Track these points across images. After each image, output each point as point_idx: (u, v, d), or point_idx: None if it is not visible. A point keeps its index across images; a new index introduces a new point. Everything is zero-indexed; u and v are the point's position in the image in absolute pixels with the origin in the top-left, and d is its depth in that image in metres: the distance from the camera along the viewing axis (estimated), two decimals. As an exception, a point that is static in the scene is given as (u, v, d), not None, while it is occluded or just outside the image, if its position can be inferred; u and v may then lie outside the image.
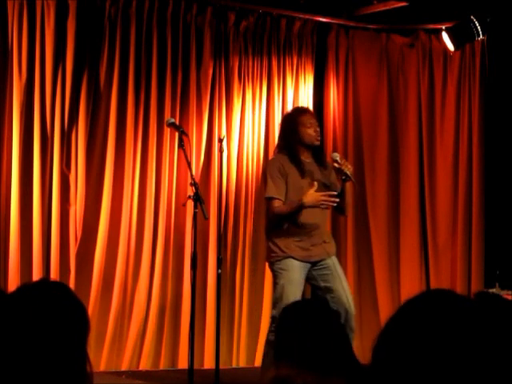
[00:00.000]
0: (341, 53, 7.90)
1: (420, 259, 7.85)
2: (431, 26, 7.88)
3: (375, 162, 7.85)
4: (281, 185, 5.63)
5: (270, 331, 5.67)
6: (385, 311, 7.50)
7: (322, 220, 5.75)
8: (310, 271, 5.64)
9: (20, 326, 1.88)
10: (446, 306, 1.43)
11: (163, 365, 7.01)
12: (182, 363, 6.84)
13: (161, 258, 7.00)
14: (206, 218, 5.80)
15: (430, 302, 1.45)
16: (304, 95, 7.67)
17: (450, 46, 7.44)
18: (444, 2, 7.41)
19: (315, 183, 5.58)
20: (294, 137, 5.67)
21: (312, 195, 5.51)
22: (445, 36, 7.44)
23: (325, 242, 5.72)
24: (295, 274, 5.58)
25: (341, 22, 7.85)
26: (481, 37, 7.25)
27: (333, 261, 5.72)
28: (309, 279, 5.67)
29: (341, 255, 7.17)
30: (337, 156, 5.71)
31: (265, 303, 7.39)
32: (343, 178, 5.65)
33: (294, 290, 5.53)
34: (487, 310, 1.48)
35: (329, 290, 5.59)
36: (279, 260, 5.59)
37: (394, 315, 1.45)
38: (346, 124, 7.90)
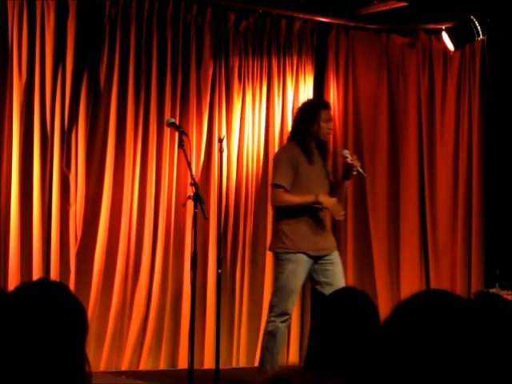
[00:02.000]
0: (341, 53, 7.90)
1: (420, 259, 7.85)
2: (431, 26, 7.87)
3: (375, 162, 7.85)
4: (289, 174, 5.78)
5: (267, 321, 5.77)
6: (385, 311, 7.43)
7: (325, 215, 5.94)
8: (313, 264, 5.79)
9: (18, 325, 1.87)
10: (440, 306, 1.43)
11: (163, 365, 7.01)
12: (182, 363, 6.84)
13: (161, 257, 7.00)
14: (206, 218, 5.82)
15: (423, 303, 1.45)
16: (304, 95, 7.66)
17: (450, 46, 7.44)
18: (444, 2, 7.41)
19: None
20: (311, 128, 5.82)
21: (331, 199, 5.77)
22: (445, 36, 7.44)
23: (329, 236, 5.94)
24: (302, 267, 5.74)
25: (341, 22, 7.85)
26: (481, 37, 7.25)
27: (336, 255, 5.90)
28: (310, 271, 5.81)
29: (341, 255, 7.12)
30: (347, 153, 5.94)
31: (265, 303, 7.38)
32: (354, 173, 5.88)
33: (297, 282, 5.74)
34: (485, 309, 1.48)
35: (328, 284, 5.72)
36: (288, 253, 5.71)
37: (388, 317, 1.45)
38: (345, 124, 7.90)
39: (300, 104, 6.59)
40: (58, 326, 1.88)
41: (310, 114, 5.86)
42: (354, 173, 5.87)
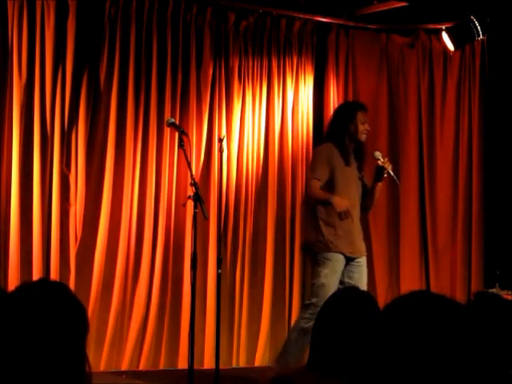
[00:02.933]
0: (341, 53, 7.90)
1: (420, 259, 7.85)
2: (431, 26, 7.88)
3: (375, 162, 7.84)
4: (325, 171, 5.91)
5: (302, 318, 5.82)
6: (385, 311, 7.50)
7: (358, 217, 6.05)
8: (345, 264, 5.93)
9: (19, 325, 1.87)
10: (430, 306, 1.43)
11: (163, 365, 7.01)
12: (182, 363, 6.84)
13: (161, 257, 7.00)
14: (206, 218, 5.81)
15: (408, 304, 1.45)
16: (304, 95, 7.67)
17: (450, 46, 7.45)
18: (444, 2, 7.41)
19: (358, 203, 5.98)
20: (348, 130, 5.96)
21: (342, 201, 5.85)
22: (445, 36, 7.44)
23: (361, 239, 6.06)
24: (339, 266, 5.86)
25: (341, 22, 7.85)
26: (481, 37, 7.25)
27: (364, 260, 6.01)
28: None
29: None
30: (379, 155, 6.05)
31: (265, 303, 7.39)
32: (385, 175, 6.00)
33: (335, 281, 5.82)
34: (480, 308, 1.49)
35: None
36: (327, 252, 5.83)
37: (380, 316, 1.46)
38: (345, 124, 7.89)
39: (337, 106, 6.77)
40: (58, 326, 1.88)
41: (347, 116, 6.00)
42: (385, 175, 5.99)
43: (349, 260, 5.91)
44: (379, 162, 6.00)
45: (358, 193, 6.05)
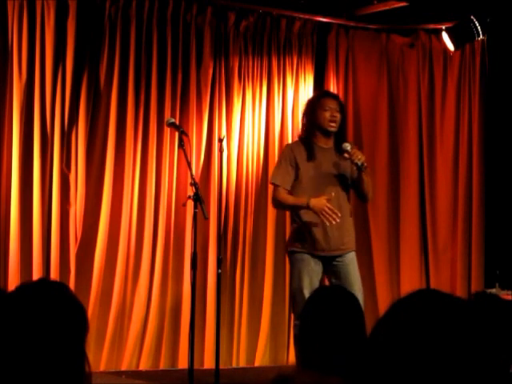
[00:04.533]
0: (341, 53, 7.90)
1: (420, 259, 7.85)
2: (431, 26, 7.88)
3: (375, 162, 7.84)
4: (287, 172, 5.62)
5: (294, 325, 5.71)
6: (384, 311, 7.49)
7: (344, 213, 5.63)
8: (326, 264, 5.61)
9: (18, 325, 1.88)
10: (434, 304, 1.43)
11: (163, 365, 7.01)
12: (182, 363, 6.84)
13: (161, 257, 7.00)
14: (206, 218, 5.81)
15: (417, 301, 1.45)
16: (304, 95, 7.66)
17: (450, 46, 7.45)
18: (444, 2, 7.41)
19: (332, 194, 5.54)
20: (310, 118, 5.64)
21: (320, 202, 5.45)
22: (445, 36, 7.44)
23: (344, 236, 5.67)
24: (310, 267, 5.54)
25: (341, 22, 7.85)
26: (481, 37, 7.25)
27: (350, 257, 5.65)
28: (325, 272, 5.65)
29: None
30: (347, 146, 5.57)
31: (265, 303, 7.39)
32: (356, 168, 5.58)
33: (311, 283, 5.50)
34: (480, 308, 1.49)
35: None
36: (295, 253, 5.59)
37: (382, 316, 1.46)
38: (345, 124, 7.90)
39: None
40: (58, 325, 1.88)
41: (309, 105, 5.72)
42: (355, 167, 5.57)
43: (327, 259, 5.59)
44: (346, 155, 5.53)
45: (333, 187, 5.60)
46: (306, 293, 5.42)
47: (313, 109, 5.64)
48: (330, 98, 5.72)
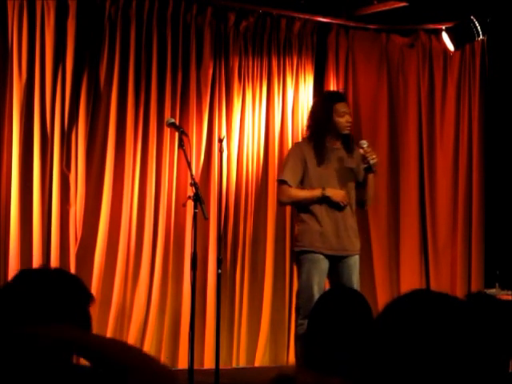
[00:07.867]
0: (341, 53, 7.90)
1: (420, 259, 7.85)
2: (431, 26, 7.88)
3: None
4: (296, 170, 5.66)
5: (296, 325, 5.67)
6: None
7: (349, 213, 5.73)
8: (331, 264, 5.63)
9: (22, 290, 1.97)
10: (430, 305, 1.43)
11: (163, 365, 7.00)
12: (182, 363, 6.83)
13: (161, 257, 7.00)
14: (206, 218, 5.81)
15: (413, 301, 1.46)
16: (304, 95, 7.66)
17: (450, 46, 7.44)
18: (444, 2, 7.41)
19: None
20: (326, 125, 5.66)
21: (339, 192, 5.61)
22: (445, 36, 7.44)
23: (351, 236, 5.73)
24: (319, 266, 5.57)
25: (341, 22, 7.85)
26: (481, 37, 7.25)
27: (354, 260, 5.70)
28: (329, 271, 5.66)
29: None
30: (364, 144, 5.69)
31: (265, 303, 7.39)
32: (365, 166, 5.66)
33: (317, 283, 5.53)
34: (476, 308, 1.49)
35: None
36: (305, 252, 5.60)
37: (379, 315, 1.46)
38: (345, 124, 7.89)
39: (314, 100, 6.48)
40: (59, 292, 1.99)
41: (322, 110, 5.69)
42: (365, 166, 5.66)
43: (334, 259, 5.64)
44: (361, 151, 5.64)
45: (345, 185, 5.72)
46: (315, 292, 5.43)
47: (327, 114, 5.65)
48: (343, 102, 5.79)
